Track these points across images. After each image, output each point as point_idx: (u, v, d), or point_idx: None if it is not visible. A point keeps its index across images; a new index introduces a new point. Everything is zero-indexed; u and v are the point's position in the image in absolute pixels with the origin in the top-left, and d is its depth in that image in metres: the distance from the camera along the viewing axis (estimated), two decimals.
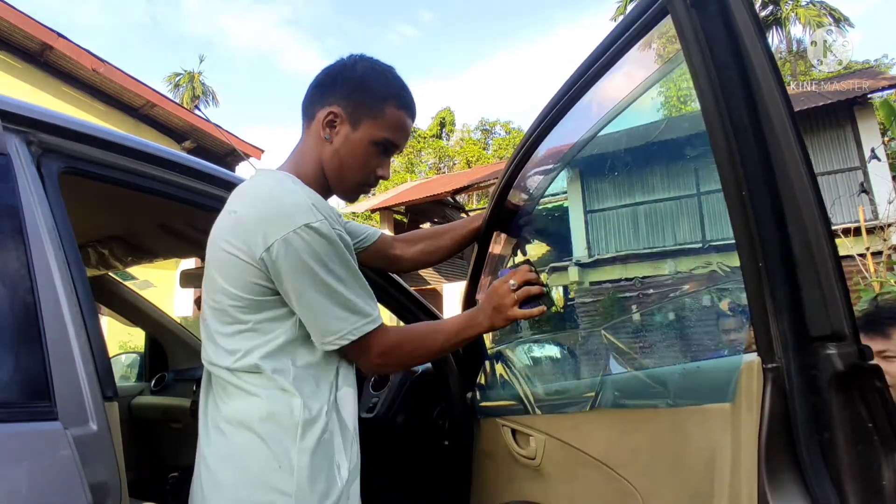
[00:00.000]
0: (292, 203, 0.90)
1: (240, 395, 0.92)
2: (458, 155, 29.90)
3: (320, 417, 0.93)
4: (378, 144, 1.02)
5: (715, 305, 1.09)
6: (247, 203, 0.94)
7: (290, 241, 0.87)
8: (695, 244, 1.48)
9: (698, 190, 1.47)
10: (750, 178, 0.74)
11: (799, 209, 0.72)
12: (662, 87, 1.12)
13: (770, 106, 0.73)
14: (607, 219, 11.26)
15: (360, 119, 1.00)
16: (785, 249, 0.73)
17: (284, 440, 0.89)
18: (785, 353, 0.72)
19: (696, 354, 1.10)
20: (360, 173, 1.04)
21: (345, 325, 0.92)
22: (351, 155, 1.01)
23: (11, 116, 1.02)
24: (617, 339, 1.29)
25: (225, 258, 0.92)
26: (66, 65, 7.62)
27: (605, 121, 1.23)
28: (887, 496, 0.69)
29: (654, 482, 0.94)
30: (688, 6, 0.77)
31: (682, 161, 1.28)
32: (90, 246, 2.09)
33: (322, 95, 1.03)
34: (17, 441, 0.81)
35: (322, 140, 1.01)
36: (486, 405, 1.48)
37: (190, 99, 23.63)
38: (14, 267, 0.90)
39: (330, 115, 1.00)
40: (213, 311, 0.96)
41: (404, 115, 1.03)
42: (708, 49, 0.76)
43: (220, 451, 0.93)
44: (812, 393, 0.71)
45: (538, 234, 1.70)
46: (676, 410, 0.91)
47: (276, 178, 0.97)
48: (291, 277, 0.89)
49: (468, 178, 15.26)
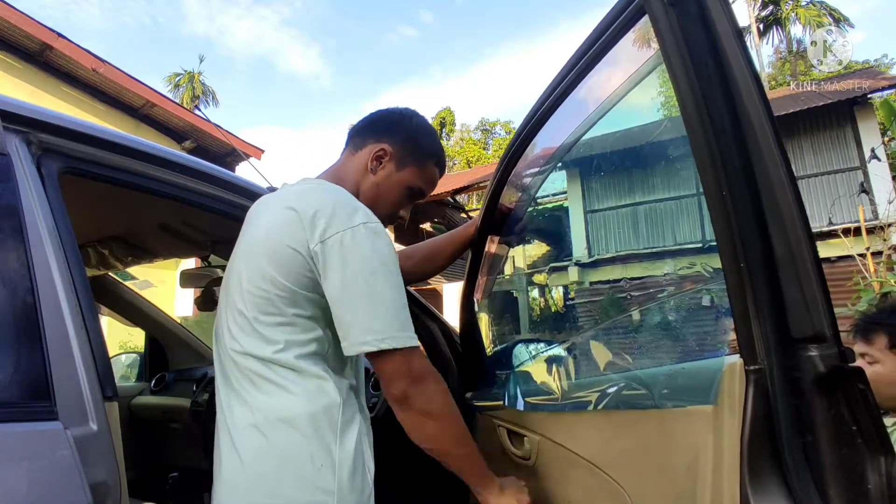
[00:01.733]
0: (352, 205, 0.96)
1: (276, 392, 0.93)
2: (458, 155, 29.90)
3: (355, 419, 0.97)
4: (412, 190, 1.15)
5: (698, 307, 1.09)
6: (306, 202, 0.96)
7: (348, 236, 0.91)
8: (689, 245, 1.49)
9: (697, 190, 1.47)
10: (730, 179, 0.73)
11: (779, 210, 0.71)
12: (644, 88, 1.12)
13: (749, 107, 0.73)
14: (607, 219, 11.20)
15: (406, 164, 1.13)
16: (766, 251, 0.73)
17: (326, 439, 0.91)
18: (767, 354, 0.72)
19: (680, 356, 1.10)
20: (390, 209, 1.14)
21: (388, 330, 0.90)
22: (388, 190, 1.13)
23: (11, 116, 1.02)
24: (606, 341, 1.30)
25: (279, 248, 0.94)
26: (66, 65, 7.61)
27: (590, 123, 1.24)
28: (872, 499, 0.68)
29: (641, 483, 0.94)
30: (665, 5, 0.76)
31: (666, 162, 1.28)
32: (90, 246, 2.09)
33: (378, 132, 1.13)
34: (17, 441, 0.81)
35: (366, 170, 1.12)
36: (484, 404, 1.48)
37: (190, 99, 23.62)
38: (14, 267, 0.90)
39: (381, 150, 1.12)
40: (254, 299, 0.97)
41: (437, 174, 1.19)
42: (686, 49, 0.75)
43: (257, 447, 0.93)
44: (795, 395, 0.71)
45: (533, 234, 1.71)
46: (662, 412, 0.91)
47: (331, 185, 1.04)
48: (344, 270, 0.90)
49: (468, 178, 15.27)
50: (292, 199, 0.99)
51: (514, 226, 1.54)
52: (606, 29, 0.93)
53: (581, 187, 11.12)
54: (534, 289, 12.22)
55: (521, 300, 7.33)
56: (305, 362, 0.94)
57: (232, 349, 0.99)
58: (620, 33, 0.92)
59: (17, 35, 7.06)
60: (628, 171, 1.52)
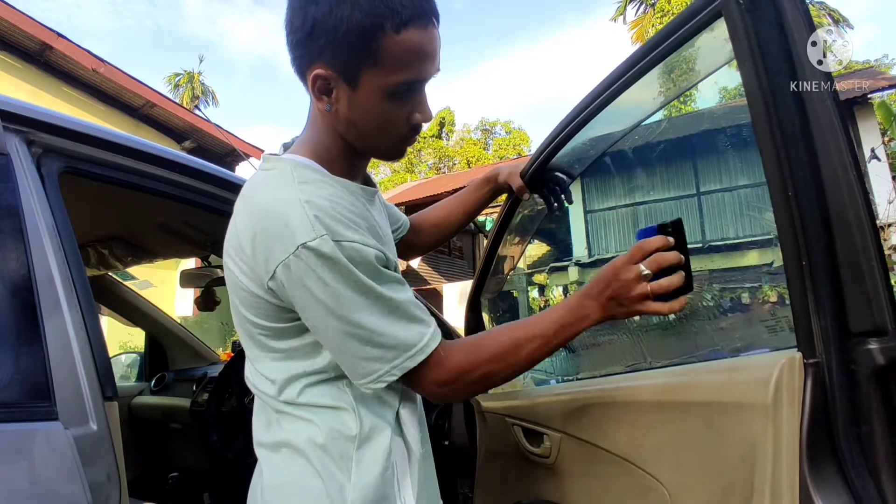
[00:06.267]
0: (288, 218, 0.71)
1: (290, 420, 0.81)
2: (458, 155, 29.89)
3: (380, 448, 0.79)
4: (395, 92, 0.75)
5: (759, 302, 1.11)
6: (246, 220, 0.77)
7: (289, 265, 0.70)
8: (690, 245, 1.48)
9: (698, 190, 1.47)
10: (796, 180, 0.76)
11: (846, 212, 0.74)
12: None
13: (821, 113, 0.75)
14: (606, 218, 11.17)
15: (359, 71, 0.73)
16: (828, 248, 0.75)
17: (337, 474, 0.77)
18: (826, 348, 0.75)
19: (737, 349, 1.11)
20: (391, 132, 0.80)
21: (378, 366, 0.73)
22: (367, 118, 0.78)
23: (11, 116, 1.02)
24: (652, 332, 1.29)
25: (239, 288, 0.79)
26: (66, 65, 7.62)
27: (641, 119, 1.24)
28: None
29: (682, 476, 0.96)
30: (742, 11, 0.78)
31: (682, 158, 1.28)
32: (90, 246, 2.10)
33: (300, 55, 0.77)
34: (17, 441, 0.81)
35: (325, 112, 0.79)
36: (492, 405, 1.47)
37: (190, 99, 23.63)
38: (14, 267, 0.90)
39: (317, 78, 0.75)
40: (246, 339, 0.84)
41: (413, 34, 0.72)
42: (760, 54, 0.78)
43: (272, 476, 0.82)
44: (851, 387, 0.74)
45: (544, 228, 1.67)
46: (710, 405, 0.92)
47: (276, 178, 0.78)
48: (303, 310, 0.74)
49: (468, 178, 15.27)
50: (238, 206, 0.81)
51: (554, 191, 1.37)
52: (679, 28, 0.94)
53: (581, 189, 11.15)
54: (534, 288, 12.22)
55: (521, 300, 7.34)
56: (315, 390, 0.80)
57: (245, 378, 0.89)
58: (692, 35, 0.93)
59: (18, 35, 7.07)
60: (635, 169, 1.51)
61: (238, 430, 2.11)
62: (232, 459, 2.08)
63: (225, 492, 2.26)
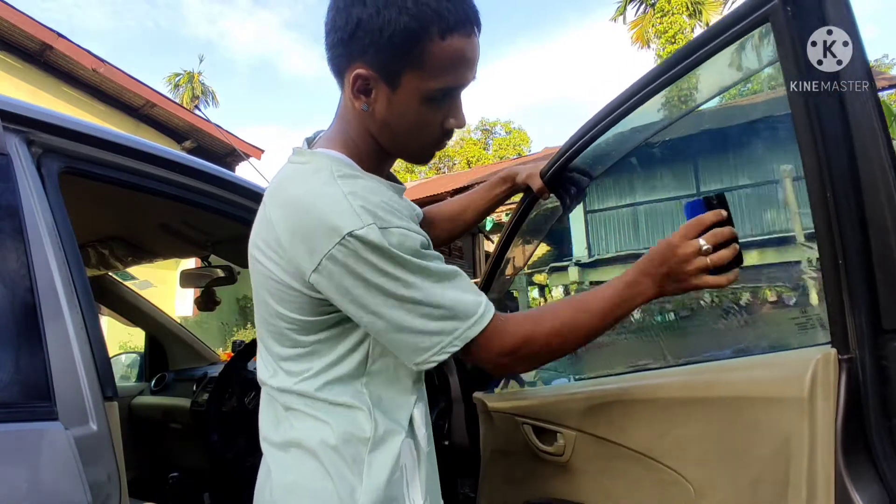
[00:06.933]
0: (332, 210, 0.72)
1: (301, 417, 0.81)
2: (458, 155, 29.90)
3: (391, 451, 0.80)
4: (433, 98, 0.77)
5: (797, 299, 1.13)
6: (283, 212, 0.77)
7: (335, 256, 0.71)
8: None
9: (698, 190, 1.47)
10: (836, 182, 0.78)
11: (884, 214, 0.76)
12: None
13: (862, 118, 0.77)
14: (607, 219, 11.18)
15: (400, 73, 0.74)
16: (864, 248, 0.78)
17: (348, 477, 0.77)
18: (859, 345, 0.78)
19: (771, 345, 1.12)
20: (425, 135, 0.82)
21: (439, 339, 0.74)
22: (402, 120, 0.79)
23: (11, 116, 1.02)
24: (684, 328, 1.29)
25: (273, 281, 0.79)
26: (66, 65, 7.62)
27: (675, 117, 1.24)
28: None
29: (707, 470, 0.97)
30: (789, 17, 0.80)
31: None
32: (90, 246, 2.10)
33: (341, 53, 0.77)
34: (17, 441, 0.81)
35: (361, 110, 0.80)
36: (498, 405, 1.47)
37: (189, 99, 23.61)
38: (14, 267, 0.90)
39: (358, 77, 0.76)
40: (269, 333, 0.84)
41: (457, 41, 0.73)
42: (805, 59, 0.80)
43: (282, 475, 0.82)
44: (883, 382, 0.77)
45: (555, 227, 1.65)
46: (739, 400, 0.94)
47: (312, 171, 0.78)
48: (353, 299, 0.74)
49: (468, 178, 15.25)
50: (271, 201, 0.81)
51: (570, 190, 1.36)
52: (724, 31, 0.94)
53: None
54: (534, 289, 12.21)
55: (521, 300, 7.33)
56: (333, 387, 0.80)
57: (258, 377, 0.89)
58: (738, 37, 0.94)
59: (17, 35, 7.07)
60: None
61: (238, 430, 2.11)
62: (232, 459, 2.08)
63: (225, 492, 2.26)
